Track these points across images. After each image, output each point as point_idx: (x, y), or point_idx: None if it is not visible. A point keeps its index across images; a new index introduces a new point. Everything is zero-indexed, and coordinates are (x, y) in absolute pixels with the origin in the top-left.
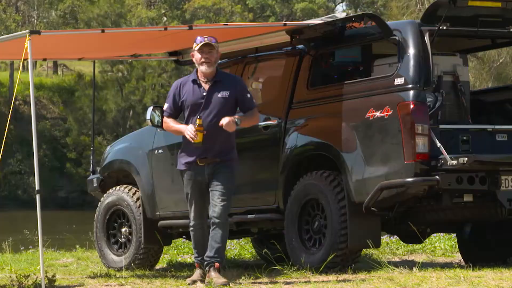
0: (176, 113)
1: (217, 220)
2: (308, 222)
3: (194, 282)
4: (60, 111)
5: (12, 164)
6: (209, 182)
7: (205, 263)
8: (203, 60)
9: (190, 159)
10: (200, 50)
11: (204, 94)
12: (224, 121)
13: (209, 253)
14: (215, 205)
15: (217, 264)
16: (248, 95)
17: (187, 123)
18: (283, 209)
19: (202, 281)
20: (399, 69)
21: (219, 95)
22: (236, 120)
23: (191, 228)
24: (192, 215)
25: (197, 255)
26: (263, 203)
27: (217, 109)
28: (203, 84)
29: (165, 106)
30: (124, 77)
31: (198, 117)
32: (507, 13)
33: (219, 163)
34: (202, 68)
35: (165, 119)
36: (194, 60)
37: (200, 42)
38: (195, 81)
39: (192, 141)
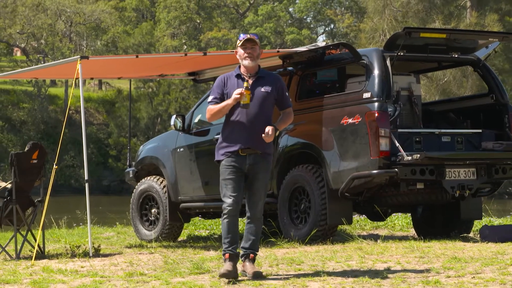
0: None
1: (255, 216)
2: (296, 205)
3: (226, 274)
4: (104, 119)
5: (67, 159)
6: (248, 174)
7: (241, 253)
8: (246, 55)
9: (232, 149)
10: (243, 46)
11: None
12: (268, 130)
13: (245, 244)
14: (255, 202)
15: (252, 255)
16: (287, 94)
17: (230, 115)
18: (277, 194)
19: (234, 275)
20: (366, 86)
21: (262, 89)
22: (276, 128)
23: (226, 215)
24: (229, 200)
25: (228, 244)
26: None
27: (260, 102)
28: (246, 78)
29: (210, 98)
30: (153, 92)
31: (246, 80)
32: (450, 42)
33: (260, 156)
34: (245, 63)
35: (209, 107)
36: (237, 56)
37: (243, 38)
38: (239, 76)
39: (241, 102)
